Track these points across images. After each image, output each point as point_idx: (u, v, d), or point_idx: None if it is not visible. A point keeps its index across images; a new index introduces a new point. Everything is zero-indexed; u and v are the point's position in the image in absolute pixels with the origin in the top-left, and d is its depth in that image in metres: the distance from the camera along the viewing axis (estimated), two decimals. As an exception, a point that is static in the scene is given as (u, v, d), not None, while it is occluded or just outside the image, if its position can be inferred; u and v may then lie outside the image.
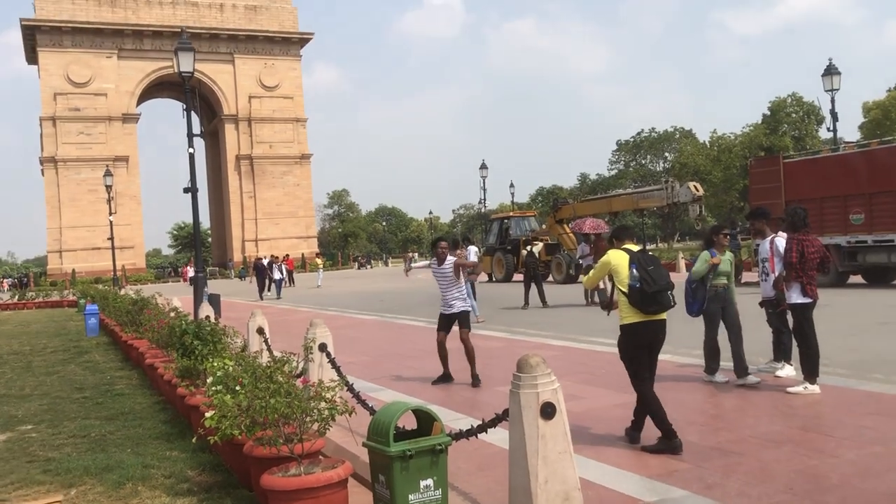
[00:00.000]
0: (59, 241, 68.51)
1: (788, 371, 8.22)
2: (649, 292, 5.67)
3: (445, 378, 9.10)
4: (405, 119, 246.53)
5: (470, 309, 9.38)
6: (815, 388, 7.39)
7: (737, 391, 7.72)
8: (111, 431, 7.96)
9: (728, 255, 8.21)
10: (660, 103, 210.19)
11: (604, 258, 6.13)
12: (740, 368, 7.94)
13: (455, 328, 9.08)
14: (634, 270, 5.73)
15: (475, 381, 8.82)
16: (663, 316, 5.88)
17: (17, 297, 42.85)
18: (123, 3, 71.32)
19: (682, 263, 32.79)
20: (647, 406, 5.86)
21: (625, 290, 5.80)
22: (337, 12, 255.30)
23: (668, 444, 5.67)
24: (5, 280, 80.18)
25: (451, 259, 9.21)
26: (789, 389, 7.49)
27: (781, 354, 8.42)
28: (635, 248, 6.01)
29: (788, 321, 8.11)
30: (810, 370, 7.50)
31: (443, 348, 9.04)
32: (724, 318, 8.17)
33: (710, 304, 8.08)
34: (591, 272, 6.44)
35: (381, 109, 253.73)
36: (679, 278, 23.97)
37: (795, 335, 7.82)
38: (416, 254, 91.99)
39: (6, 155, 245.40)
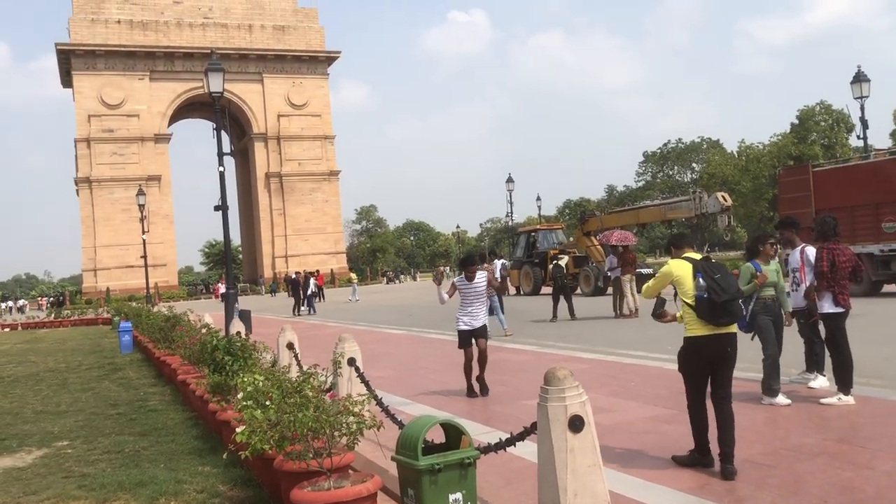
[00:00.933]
0: (93, 260, 69.61)
1: (822, 382, 8.10)
2: (719, 302, 5.36)
3: (473, 392, 9.21)
4: (432, 134, 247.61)
5: (486, 322, 9.49)
6: (849, 399, 7.28)
7: (763, 404, 7.61)
8: (145, 447, 8.07)
9: (774, 265, 7.86)
10: (687, 114, 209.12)
11: (664, 268, 5.85)
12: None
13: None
14: (701, 280, 5.42)
15: (484, 389, 9.10)
16: (733, 329, 5.57)
17: (53, 315, 43.60)
18: (155, 27, 72.66)
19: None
20: (693, 418, 5.67)
21: (690, 301, 5.50)
22: (363, 30, 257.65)
23: (700, 459, 5.59)
24: (44, 298, 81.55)
25: (482, 274, 9.29)
26: (823, 400, 7.39)
27: (814, 365, 8.31)
28: (697, 255, 5.72)
29: (820, 332, 7.99)
30: (844, 381, 7.39)
31: (471, 363, 9.14)
32: (776, 330, 7.82)
33: (761, 317, 7.71)
34: (651, 281, 6.06)
35: (408, 125, 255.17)
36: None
37: (828, 345, 7.71)
38: (448, 268, 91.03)
39: (43, 176, 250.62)
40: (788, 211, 19.77)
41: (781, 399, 7.51)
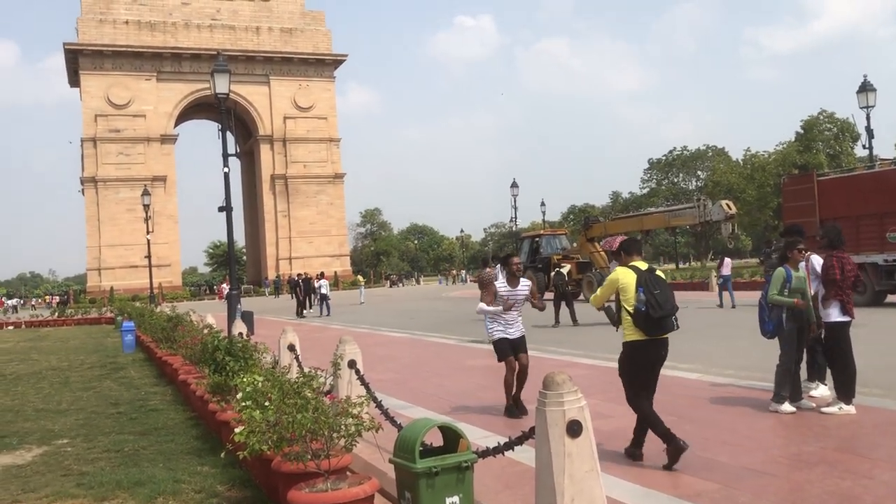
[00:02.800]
0: (98, 260, 69.72)
1: (822, 391, 8.08)
2: (654, 317, 5.71)
3: (512, 411, 8.21)
4: (437, 138, 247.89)
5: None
6: (850, 409, 7.25)
7: (769, 411, 7.58)
8: (144, 446, 8.08)
9: (802, 272, 7.69)
10: (692, 121, 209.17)
11: (611, 276, 6.16)
12: (794, 393, 7.64)
13: None
14: (641, 294, 5.74)
15: (523, 410, 8.13)
16: (666, 335, 5.91)
17: (57, 313, 43.68)
18: (163, 27, 72.89)
19: (714, 283, 32.38)
20: (647, 421, 5.90)
21: (630, 310, 5.82)
22: (370, 34, 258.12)
23: (675, 448, 5.67)
24: (53, 296, 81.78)
25: (526, 282, 8.45)
26: (824, 409, 7.36)
27: (816, 374, 8.28)
28: (643, 265, 6.01)
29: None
30: (846, 390, 7.37)
31: (513, 376, 8.21)
32: (798, 338, 7.68)
33: (788, 324, 7.56)
34: (599, 290, 6.43)
35: (414, 128, 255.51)
36: (712, 297, 23.46)
37: (830, 354, 7.68)
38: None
39: (49, 175, 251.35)
40: (793, 219, 19.74)
41: (786, 407, 7.47)
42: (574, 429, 3.94)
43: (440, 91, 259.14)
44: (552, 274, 21.21)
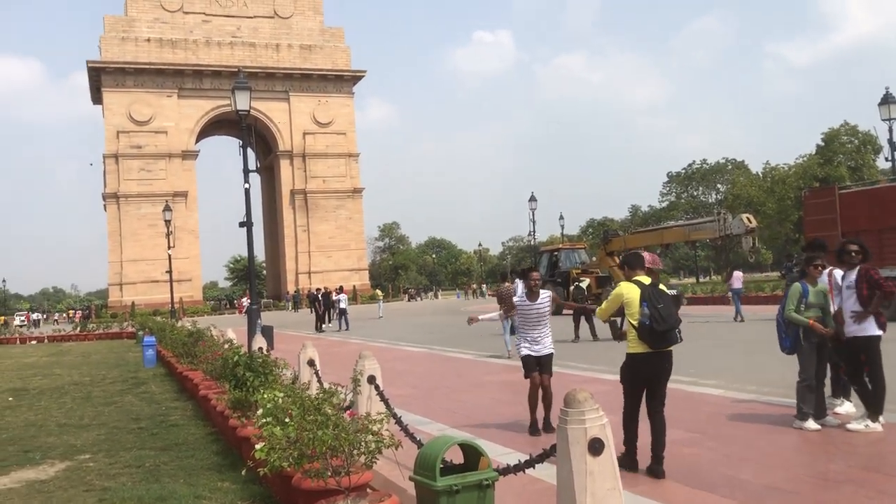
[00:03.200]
0: (119, 275, 70.38)
1: (848, 408, 7.97)
2: (658, 331, 5.92)
3: (536, 429, 8.07)
4: (455, 152, 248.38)
5: (553, 351, 8.51)
6: (876, 426, 7.14)
7: (792, 428, 7.48)
8: (165, 462, 8.10)
9: (822, 286, 7.65)
10: (711, 135, 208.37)
11: (616, 290, 6.36)
12: (818, 410, 7.53)
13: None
14: (645, 308, 5.96)
15: (550, 428, 7.89)
16: (669, 348, 6.11)
17: (79, 328, 44.05)
18: (184, 45, 73.82)
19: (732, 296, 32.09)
20: (626, 426, 6.19)
21: (635, 323, 6.04)
22: (389, 50, 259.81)
23: (628, 459, 6.06)
24: (77, 311, 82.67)
25: (546, 293, 8.37)
26: (849, 426, 7.26)
27: (841, 390, 8.17)
28: (647, 280, 6.21)
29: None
30: (875, 407, 7.24)
31: (537, 392, 8.11)
32: (819, 354, 7.59)
33: (806, 340, 7.52)
34: (604, 304, 6.56)
35: (432, 143, 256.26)
36: (733, 312, 23.17)
37: (852, 369, 7.53)
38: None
39: (72, 191, 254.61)
40: (814, 233, 19.55)
41: (811, 424, 7.37)
42: (596, 446, 3.91)
43: (458, 106, 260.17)
44: (571, 288, 21.13)
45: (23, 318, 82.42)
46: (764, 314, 21.63)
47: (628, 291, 6.17)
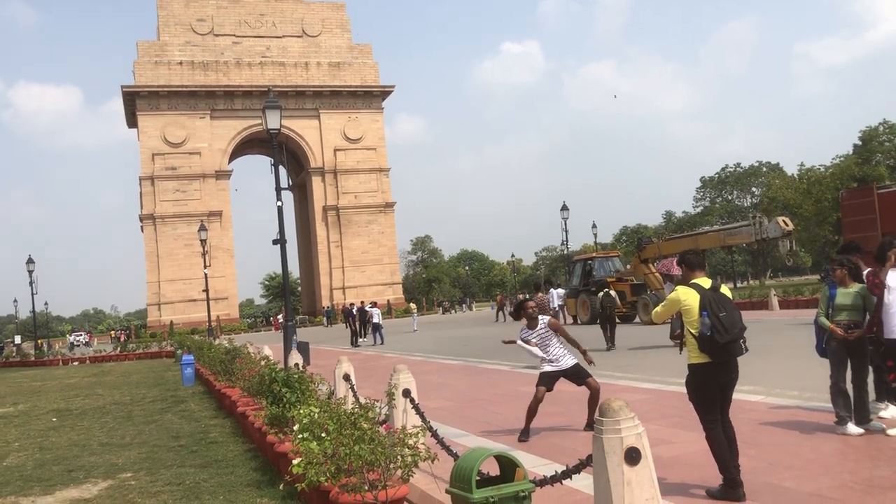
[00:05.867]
0: (157, 294, 71.47)
1: (893, 412, 7.78)
2: (720, 343, 5.38)
3: (526, 435, 8.32)
4: (485, 163, 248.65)
5: (577, 360, 8.68)
6: (921, 431, 6.96)
7: (836, 434, 7.33)
8: (205, 479, 8.19)
9: (855, 288, 7.53)
10: (745, 139, 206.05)
11: (673, 294, 5.81)
12: (860, 415, 7.38)
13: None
14: (706, 318, 5.40)
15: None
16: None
17: (119, 348, 44.78)
18: (215, 67, 75.04)
19: (774, 301, 31.62)
20: (712, 448, 5.60)
21: (695, 332, 5.53)
22: (417, 64, 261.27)
23: (731, 493, 5.40)
24: (120, 332, 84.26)
25: (544, 319, 8.60)
26: (889, 432, 7.09)
27: (884, 394, 7.98)
28: (707, 283, 5.67)
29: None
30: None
31: (538, 405, 8.38)
32: (852, 357, 7.46)
33: (832, 343, 7.48)
34: (660, 307, 6.16)
35: (462, 154, 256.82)
36: (772, 317, 22.92)
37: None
38: (523, 295, 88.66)
39: (111, 214, 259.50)
40: (853, 234, 19.18)
41: (852, 428, 7.22)
42: (632, 456, 3.87)
43: (488, 117, 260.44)
44: (600, 295, 20.91)
45: (84, 336, 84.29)
46: (804, 318, 21.25)
47: (686, 297, 5.60)
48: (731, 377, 5.67)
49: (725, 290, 5.71)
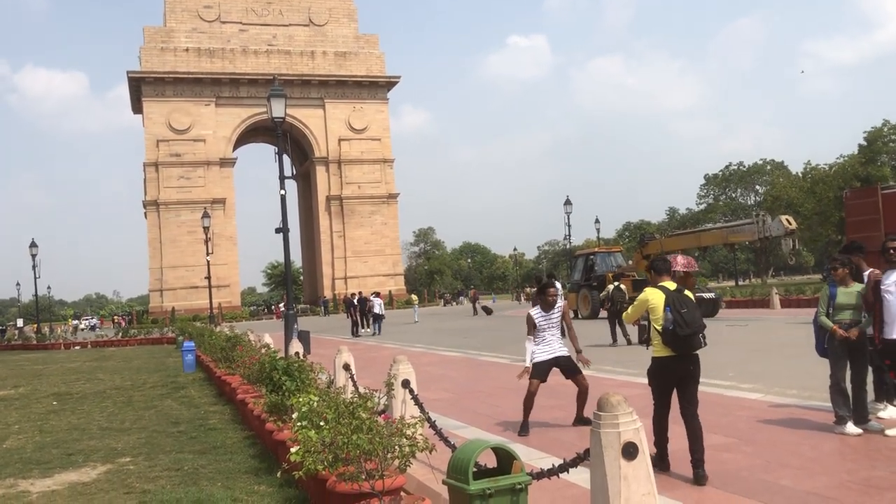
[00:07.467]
0: (160, 281, 71.59)
1: (892, 412, 7.78)
2: (681, 335, 5.99)
3: (526, 430, 8.32)
4: (490, 157, 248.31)
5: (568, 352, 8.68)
6: (920, 431, 6.96)
7: (834, 434, 7.33)
8: (203, 465, 8.22)
9: (854, 287, 7.55)
10: (750, 137, 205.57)
11: (641, 296, 6.50)
12: (859, 415, 7.38)
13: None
14: (669, 313, 6.05)
15: (582, 421, 8.28)
16: (695, 352, 6.17)
17: (121, 333, 44.89)
18: (221, 54, 74.92)
19: (776, 300, 31.61)
20: (655, 428, 6.26)
21: (659, 328, 6.15)
22: (424, 56, 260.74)
23: (659, 464, 6.02)
24: (122, 317, 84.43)
25: (559, 306, 8.61)
26: (888, 432, 7.09)
27: (884, 394, 7.98)
28: (672, 286, 6.31)
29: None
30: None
31: (533, 398, 8.40)
32: (852, 357, 7.44)
33: (832, 342, 7.48)
34: (630, 309, 6.78)
35: (467, 147, 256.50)
36: (773, 315, 22.89)
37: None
38: (530, 288, 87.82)
39: (113, 200, 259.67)
40: (856, 234, 19.14)
41: (851, 428, 7.22)
42: (630, 451, 3.87)
43: (493, 110, 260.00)
44: (611, 288, 20.84)
45: (96, 320, 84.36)
46: (804, 317, 21.24)
47: (653, 297, 6.28)
48: (689, 370, 6.17)
49: (689, 293, 6.31)
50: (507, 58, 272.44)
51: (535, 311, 8.60)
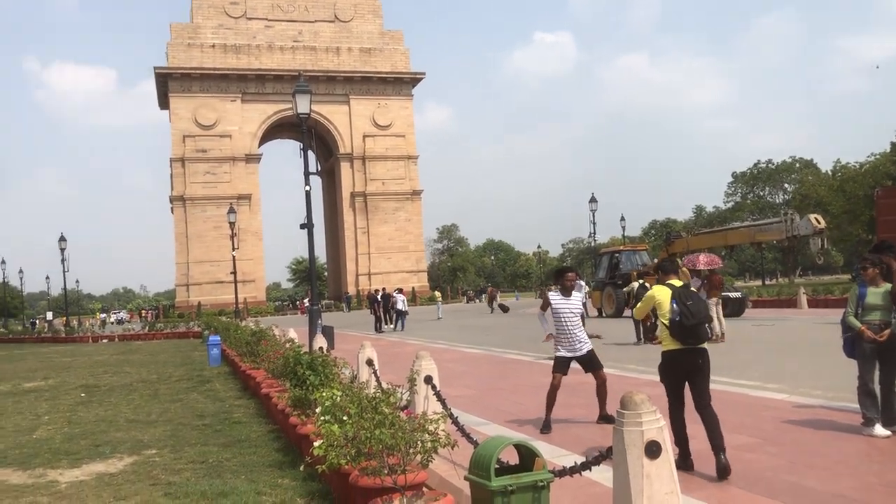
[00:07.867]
0: (186, 276, 72.29)
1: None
2: (687, 325, 6.19)
3: (548, 427, 8.29)
4: (515, 153, 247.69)
5: (592, 346, 8.72)
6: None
7: (862, 435, 7.24)
8: (228, 458, 8.30)
9: (885, 287, 7.40)
10: (780, 134, 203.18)
11: (649, 293, 6.77)
12: (888, 416, 7.27)
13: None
14: (675, 305, 6.27)
15: (606, 419, 8.30)
16: (703, 345, 6.33)
17: (148, 327, 45.42)
18: (247, 50, 75.44)
19: (803, 299, 31.23)
20: (673, 426, 6.21)
21: (666, 322, 6.34)
22: (449, 52, 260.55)
23: (682, 463, 5.97)
24: (149, 311, 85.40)
25: (579, 293, 8.67)
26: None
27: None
28: (678, 283, 6.56)
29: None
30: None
31: (556, 392, 8.42)
32: (882, 358, 7.32)
33: (860, 343, 7.36)
34: (639, 304, 7.08)
35: (491, 144, 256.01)
36: (800, 315, 22.68)
37: None
38: (548, 289, 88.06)
39: (141, 195, 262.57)
40: (887, 234, 18.84)
41: (879, 430, 7.13)
42: (653, 449, 3.85)
43: (518, 107, 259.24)
44: (636, 285, 20.67)
45: (124, 315, 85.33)
46: (832, 318, 20.97)
47: (659, 293, 6.50)
48: (698, 364, 6.30)
49: (694, 289, 6.63)
50: (531, 54, 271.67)
51: (554, 294, 8.69)
